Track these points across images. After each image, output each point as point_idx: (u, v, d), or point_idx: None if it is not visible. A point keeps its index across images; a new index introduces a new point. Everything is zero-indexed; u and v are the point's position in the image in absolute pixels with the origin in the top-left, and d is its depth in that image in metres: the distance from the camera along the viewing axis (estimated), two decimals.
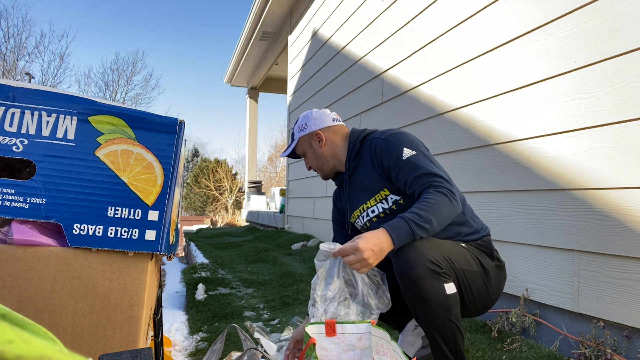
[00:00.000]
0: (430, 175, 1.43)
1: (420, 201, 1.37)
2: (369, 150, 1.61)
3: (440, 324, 1.35)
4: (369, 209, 1.63)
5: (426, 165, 1.46)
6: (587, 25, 1.77)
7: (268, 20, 6.67)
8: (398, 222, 1.33)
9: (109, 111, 1.06)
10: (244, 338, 1.70)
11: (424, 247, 1.35)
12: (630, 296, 1.59)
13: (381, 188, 1.57)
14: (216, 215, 13.58)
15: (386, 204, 1.58)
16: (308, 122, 1.72)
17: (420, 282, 1.33)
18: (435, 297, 1.33)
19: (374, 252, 1.28)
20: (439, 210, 1.35)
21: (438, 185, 1.40)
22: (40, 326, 0.33)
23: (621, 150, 1.63)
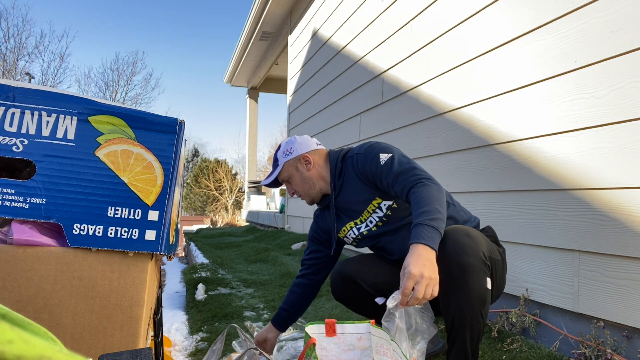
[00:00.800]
0: (407, 172, 1.48)
1: (415, 203, 1.39)
2: (352, 166, 1.64)
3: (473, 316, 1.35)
4: (362, 223, 1.66)
5: (402, 164, 1.51)
6: (587, 25, 1.77)
7: (268, 20, 6.67)
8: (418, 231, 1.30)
9: (109, 111, 1.06)
10: (244, 338, 1.70)
11: (478, 237, 1.39)
12: (630, 296, 1.59)
13: (373, 198, 1.61)
14: (216, 215, 13.58)
15: (380, 212, 1.61)
16: (293, 147, 1.74)
17: (470, 270, 1.33)
18: (478, 289, 1.34)
19: (426, 267, 1.22)
20: (435, 198, 1.38)
21: (417, 179, 1.45)
22: (40, 326, 0.33)
23: (621, 150, 1.63)
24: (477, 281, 1.33)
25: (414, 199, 1.40)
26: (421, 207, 1.36)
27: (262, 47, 7.82)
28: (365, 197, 1.62)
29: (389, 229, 1.63)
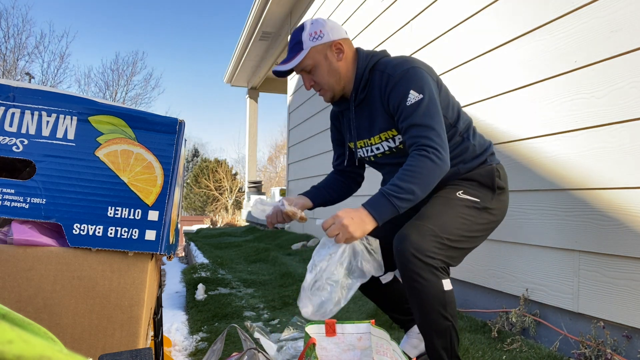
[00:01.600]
0: (421, 128, 1.37)
1: (402, 169, 1.35)
2: (379, 84, 1.49)
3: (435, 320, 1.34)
4: (373, 145, 1.57)
5: (425, 115, 1.38)
6: (587, 25, 1.77)
7: (268, 20, 6.67)
8: (377, 199, 1.32)
9: (109, 111, 1.06)
10: (244, 338, 1.70)
11: (420, 237, 1.33)
12: (630, 296, 1.59)
13: (389, 128, 1.50)
14: (216, 215, 13.58)
15: (392, 143, 1.52)
16: (324, 30, 1.50)
17: (417, 278, 1.32)
18: (432, 293, 1.32)
19: (353, 220, 1.28)
20: (421, 177, 1.32)
21: (422, 145, 1.36)
22: (40, 326, 0.33)
23: (621, 150, 1.63)
24: (428, 285, 1.31)
25: (406, 164, 1.36)
26: (402, 177, 1.33)
27: (262, 47, 7.82)
28: (381, 125, 1.51)
29: (395, 161, 1.55)
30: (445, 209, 1.44)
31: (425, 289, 1.32)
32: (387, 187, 1.33)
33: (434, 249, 1.34)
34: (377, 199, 1.33)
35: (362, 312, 2.51)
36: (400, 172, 1.35)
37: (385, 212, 1.31)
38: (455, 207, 1.45)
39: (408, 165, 1.35)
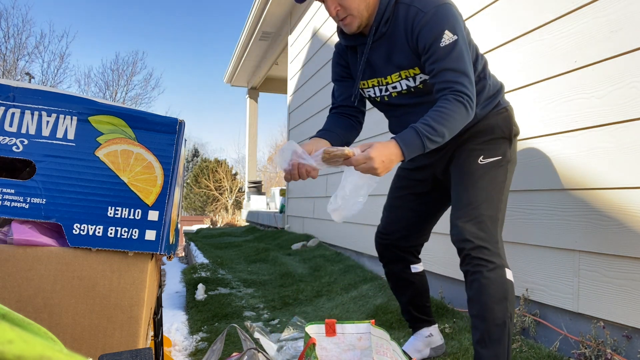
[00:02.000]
0: (456, 74, 1.34)
1: (436, 110, 1.33)
2: (405, 19, 1.40)
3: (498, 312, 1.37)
4: (389, 84, 1.50)
5: (459, 58, 1.35)
6: (587, 25, 1.77)
7: (268, 20, 6.67)
8: (410, 135, 1.30)
9: (109, 111, 1.06)
10: (243, 338, 1.70)
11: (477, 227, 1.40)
12: (630, 296, 1.59)
13: (411, 66, 1.44)
14: (216, 215, 13.58)
15: (412, 82, 1.47)
16: None
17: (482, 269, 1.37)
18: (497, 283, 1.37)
19: (384, 163, 1.28)
20: (453, 122, 1.32)
21: (458, 91, 1.33)
22: (40, 326, 0.33)
23: (621, 150, 1.63)
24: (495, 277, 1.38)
25: (438, 106, 1.33)
26: (436, 119, 1.31)
27: (262, 47, 7.82)
28: (402, 63, 1.44)
29: (412, 102, 1.51)
30: (478, 183, 1.46)
31: (491, 280, 1.37)
32: (421, 125, 1.31)
33: (493, 233, 1.41)
34: (411, 136, 1.30)
35: (362, 312, 2.51)
36: (435, 112, 1.32)
37: (415, 150, 1.31)
38: (484, 176, 1.47)
39: (443, 107, 1.32)
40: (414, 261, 1.78)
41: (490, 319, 1.37)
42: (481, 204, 1.43)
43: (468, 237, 1.40)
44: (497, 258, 1.40)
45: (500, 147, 1.52)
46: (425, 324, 1.82)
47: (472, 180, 1.47)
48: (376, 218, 3.43)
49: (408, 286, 1.77)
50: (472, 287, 1.40)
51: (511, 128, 1.56)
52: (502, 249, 1.44)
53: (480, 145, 1.52)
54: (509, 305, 1.38)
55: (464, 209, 1.44)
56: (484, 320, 1.38)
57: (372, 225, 3.49)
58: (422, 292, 1.80)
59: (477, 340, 1.39)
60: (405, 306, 1.82)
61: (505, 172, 1.51)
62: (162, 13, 55.19)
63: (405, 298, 1.80)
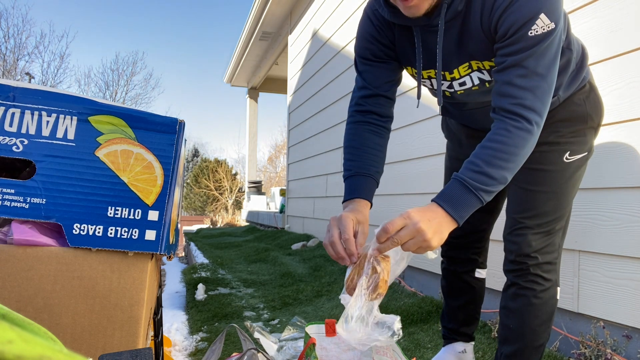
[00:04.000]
0: (532, 79, 0.99)
1: (491, 148, 0.99)
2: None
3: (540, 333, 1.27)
4: (456, 80, 1.17)
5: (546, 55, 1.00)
6: (587, 25, 1.77)
7: (268, 20, 6.67)
8: (459, 192, 0.98)
9: (109, 111, 1.06)
10: (243, 338, 1.70)
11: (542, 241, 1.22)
12: (630, 296, 1.59)
13: (486, 58, 1.10)
14: (216, 215, 13.58)
15: (486, 75, 1.14)
16: None
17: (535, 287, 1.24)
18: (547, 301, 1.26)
19: (431, 224, 0.93)
20: (519, 159, 1.01)
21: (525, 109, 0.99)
22: (40, 326, 0.33)
23: (621, 150, 1.63)
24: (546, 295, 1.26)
25: (493, 138, 1.00)
26: (488, 160, 0.98)
27: (262, 47, 7.82)
28: (474, 51, 1.10)
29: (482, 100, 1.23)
30: (559, 187, 1.23)
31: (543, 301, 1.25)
32: (468, 173, 0.98)
33: (559, 247, 1.26)
34: (458, 192, 0.98)
35: None
36: (487, 149, 0.99)
37: (469, 209, 0.98)
38: (569, 179, 1.24)
39: (500, 142, 0.99)
40: (482, 265, 1.57)
41: (530, 340, 1.27)
42: (559, 216, 1.24)
43: (533, 253, 1.23)
44: (554, 275, 1.27)
45: (588, 140, 1.25)
46: (463, 338, 1.59)
47: (553, 183, 1.22)
48: (376, 218, 3.43)
49: (466, 291, 1.56)
50: (518, 300, 1.27)
51: (601, 114, 1.27)
52: (559, 263, 1.30)
53: (565, 138, 1.23)
54: (550, 327, 1.29)
55: (537, 218, 1.23)
56: (522, 338, 1.27)
57: (372, 225, 3.49)
58: (478, 301, 1.59)
59: (509, 355, 1.29)
60: (453, 311, 1.58)
61: (584, 170, 1.29)
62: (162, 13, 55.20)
63: (457, 302, 1.57)
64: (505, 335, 1.30)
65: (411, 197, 2.96)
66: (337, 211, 1.28)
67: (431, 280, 2.71)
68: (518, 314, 1.26)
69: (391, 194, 3.23)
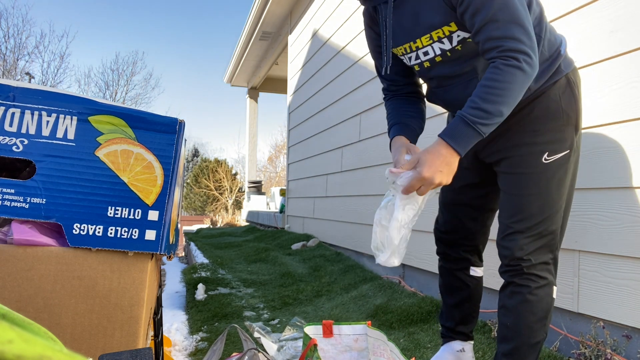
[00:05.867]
0: (507, 26, 1.07)
1: (484, 85, 1.10)
2: None
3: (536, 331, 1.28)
4: (420, 49, 1.25)
5: (505, 5, 1.07)
6: (587, 25, 1.77)
7: (268, 20, 6.67)
8: (460, 128, 1.10)
9: (109, 111, 1.06)
10: (244, 338, 1.70)
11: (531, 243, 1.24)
12: (630, 296, 1.59)
13: (445, 22, 1.17)
14: (216, 215, 13.58)
15: (447, 44, 1.21)
16: None
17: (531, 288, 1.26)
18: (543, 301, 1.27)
19: (442, 173, 1.11)
20: (511, 94, 1.09)
21: (512, 51, 1.07)
22: (40, 326, 0.33)
23: (622, 150, 1.63)
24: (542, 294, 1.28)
25: (487, 77, 1.10)
26: (486, 97, 1.08)
27: (262, 47, 7.82)
28: (433, 20, 1.18)
29: (449, 72, 1.27)
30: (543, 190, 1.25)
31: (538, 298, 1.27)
32: (468, 110, 1.10)
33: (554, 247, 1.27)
34: (460, 128, 1.10)
35: (362, 312, 2.52)
36: (483, 89, 1.10)
37: (470, 141, 1.11)
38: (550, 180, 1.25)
39: (492, 80, 1.09)
40: (477, 263, 1.56)
41: (527, 337, 1.29)
42: (546, 218, 1.25)
43: (525, 256, 1.26)
44: (550, 274, 1.29)
45: (567, 137, 1.25)
46: (461, 337, 1.60)
47: (535, 186, 1.25)
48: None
49: (461, 289, 1.56)
50: (514, 298, 1.29)
51: (577, 109, 1.28)
52: (556, 263, 1.32)
53: (542, 137, 1.25)
54: (547, 324, 1.31)
55: (525, 222, 1.26)
56: (519, 335, 1.29)
57: (372, 225, 3.49)
58: (474, 300, 1.59)
59: (506, 353, 1.31)
60: (450, 309, 1.59)
61: (572, 168, 1.29)
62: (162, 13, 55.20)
63: (452, 300, 1.59)
64: (503, 334, 1.32)
65: None
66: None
67: (431, 280, 2.71)
68: (514, 312, 1.29)
69: None
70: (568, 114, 1.26)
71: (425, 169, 1.11)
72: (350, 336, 1.36)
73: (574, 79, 1.29)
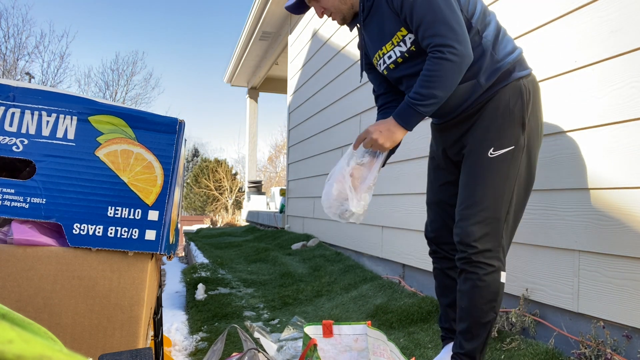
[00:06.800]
0: (432, 25, 1.32)
1: (421, 75, 1.36)
2: None
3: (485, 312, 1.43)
4: (385, 55, 1.53)
5: (430, 6, 1.33)
6: (587, 25, 1.77)
7: (268, 20, 6.67)
8: (403, 108, 1.39)
9: (109, 111, 1.06)
10: (244, 338, 1.70)
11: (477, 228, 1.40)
12: (630, 296, 1.59)
13: (398, 29, 1.45)
14: (216, 215, 13.58)
15: (404, 47, 1.47)
16: None
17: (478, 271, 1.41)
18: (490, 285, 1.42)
19: (382, 133, 1.40)
20: (441, 80, 1.33)
21: (438, 45, 1.32)
22: (40, 326, 0.33)
23: (621, 150, 1.63)
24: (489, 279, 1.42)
25: (424, 68, 1.35)
26: (422, 84, 1.35)
27: (262, 47, 7.82)
28: (389, 28, 1.47)
29: (410, 71, 1.50)
30: (487, 180, 1.42)
31: (486, 283, 1.41)
32: (410, 94, 1.37)
33: (497, 235, 1.42)
34: (403, 108, 1.39)
35: (362, 312, 2.51)
36: (420, 77, 1.36)
37: (413, 119, 1.39)
38: (495, 172, 1.41)
39: (425, 70, 1.35)
40: None
41: (477, 317, 1.44)
42: (489, 206, 1.41)
43: (472, 242, 1.40)
44: (497, 261, 1.42)
45: (512, 135, 1.41)
46: None
47: (481, 177, 1.42)
48: (376, 218, 3.43)
49: (453, 287, 1.62)
50: (466, 283, 1.44)
51: (523, 108, 1.42)
52: (503, 250, 1.44)
53: (490, 134, 1.43)
54: (496, 306, 1.46)
55: (471, 208, 1.42)
56: (471, 316, 1.44)
57: (372, 225, 3.49)
58: None
59: (461, 332, 1.47)
60: (445, 310, 1.68)
61: (517, 164, 1.42)
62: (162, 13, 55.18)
63: (446, 300, 1.67)
64: (459, 315, 1.48)
65: (411, 197, 2.96)
66: None
67: (431, 280, 2.71)
68: (467, 295, 1.44)
69: (391, 194, 3.23)
70: (514, 114, 1.42)
71: (371, 126, 1.43)
72: (350, 336, 1.36)
73: (526, 84, 1.45)
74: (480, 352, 1.46)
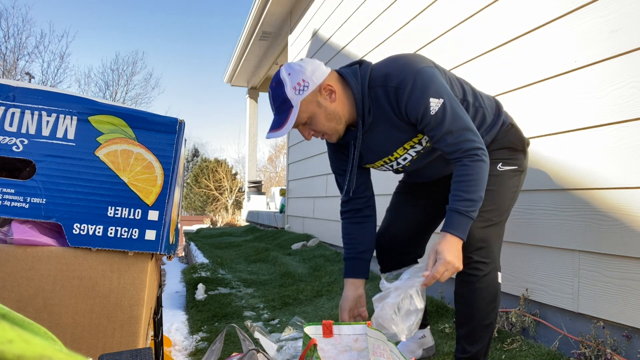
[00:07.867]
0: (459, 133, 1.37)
1: (461, 180, 1.38)
2: (387, 100, 1.42)
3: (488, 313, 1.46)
4: (399, 158, 1.56)
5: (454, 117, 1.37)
6: (587, 25, 1.77)
7: (268, 20, 6.67)
8: (458, 220, 1.37)
9: (109, 111, 1.06)
10: (242, 338, 1.70)
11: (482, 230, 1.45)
12: (630, 296, 1.59)
13: (413, 136, 1.49)
14: (216, 215, 13.58)
15: (419, 147, 1.53)
16: (306, 78, 1.37)
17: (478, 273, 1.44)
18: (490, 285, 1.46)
19: (458, 258, 1.36)
20: (482, 182, 1.38)
21: (470, 150, 1.37)
22: (40, 326, 0.33)
23: (621, 150, 1.63)
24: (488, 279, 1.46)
25: (460, 174, 1.38)
26: (467, 189, 1.36)
27: (262, 47, 7.82)
28: (403, 138, 1.49)
29: (423, 162, 1.59)
30: (494, 187, 1.50)
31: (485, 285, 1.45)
32: (458, 204, 1.37)
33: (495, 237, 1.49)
34: (458, 220, 1.37)
35: None
36: (462, 184, 1.38)
37: (466, 227, 1.38)
38: (502, 183, 1.54)
39: (465, 175, 1.38)
40: None
41: (479, 319, 1.47)
42: (493, 209, 1.49)
43: (473, 241, 1.44)
44: (493, 262, 1.48)
45: (517, 158, 1.60)
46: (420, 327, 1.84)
47: (490, 184, 1.47)
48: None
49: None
50: (465, 286, 1.47)
51: (523, 141, 1.63)
52: (498, 252, 1.52)
53: (497, 153, 1.58)
54: (496, 307, 1.50)
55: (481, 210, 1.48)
56: (472, 319, 1.47)
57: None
58: None
59: (464, 336, 1.49)
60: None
61: (518, 181, 1.60)
62: (162, 13, 55.17)
63: None
64: (460, 319, 1.51)
65: None
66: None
67: None
68: (467, 298, 1.48)
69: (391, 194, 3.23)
70: (516, 144, 1.61)
71: (447, 255, 1.33)
72: (350, 336, 1.36)
73: (515, 125, 1.66)
74: (484, 355, 1.49)
